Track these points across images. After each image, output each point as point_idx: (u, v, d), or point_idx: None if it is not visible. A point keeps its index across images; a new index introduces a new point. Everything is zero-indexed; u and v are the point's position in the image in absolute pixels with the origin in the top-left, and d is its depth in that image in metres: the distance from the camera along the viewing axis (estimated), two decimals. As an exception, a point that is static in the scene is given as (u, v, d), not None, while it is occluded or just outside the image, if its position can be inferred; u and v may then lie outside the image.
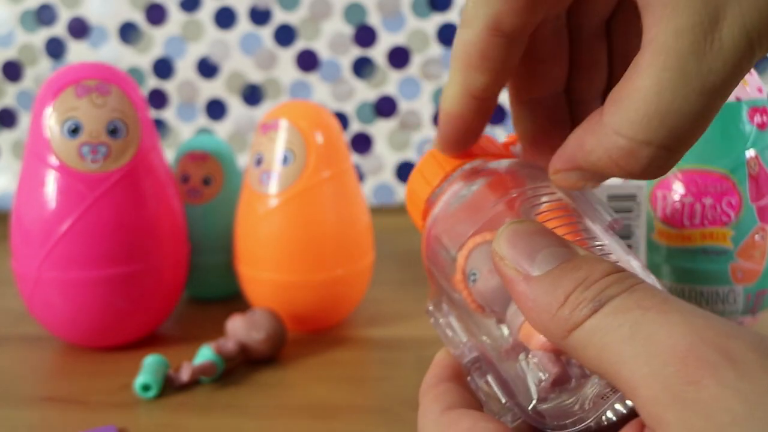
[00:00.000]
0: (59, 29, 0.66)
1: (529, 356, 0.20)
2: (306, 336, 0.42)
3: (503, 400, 0.20)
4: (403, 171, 0.69)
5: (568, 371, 0.19)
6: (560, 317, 0.17)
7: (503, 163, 0.22)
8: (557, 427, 0.19)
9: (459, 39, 0.20)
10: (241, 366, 0.38)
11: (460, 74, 0.20)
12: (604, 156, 0.18)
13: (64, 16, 0.66)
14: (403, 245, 0.60)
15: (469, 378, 0.22)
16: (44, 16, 0.66)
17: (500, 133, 0.68)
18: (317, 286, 0.40)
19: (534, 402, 0.19)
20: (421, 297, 0.48)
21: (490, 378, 0.21)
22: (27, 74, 0.67)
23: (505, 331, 0.21)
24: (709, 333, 0.15)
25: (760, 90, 0.35)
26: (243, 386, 0.36)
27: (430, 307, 0.23)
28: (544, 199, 0.21)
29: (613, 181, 0.36)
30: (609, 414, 0.19)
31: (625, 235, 0.36)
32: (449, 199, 0.23)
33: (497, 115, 0.68)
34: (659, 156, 0.17)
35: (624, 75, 0.18)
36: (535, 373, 0.19)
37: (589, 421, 0.19)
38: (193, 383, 0.36)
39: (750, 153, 0.35)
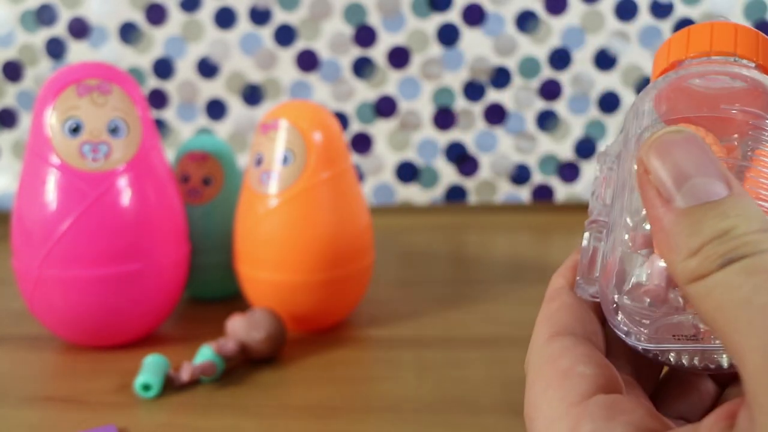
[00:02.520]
0: (59, 29, 0.66)
1: (651, 257, 0.19)
2: (306, 336, 0.42)
3: (596, 273, 0.20)
4: (403, 171, 0.69)
5: (667, 296, 0.18)
6: (687, 265, 0.16)
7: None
8: (623, 330, 0.19)
9: None
10: (241, 366, 0.38)
11: None
12: None
13: (64, 16, 0.66)
14: (403, 245, 0.60)
15: (585, 234, 0.21)
16: (44, 16, 0.66)
17: (501, 134, 0.68)
18: (317, 286, 0.40)
19: (617, 295, 0.19)
20: (422, 297, 0.48)
21: (601, 246, 0.20)
22: (27, 74, 0.67)
23: (647, 224, 0.19)
24: None
25: None
26: (243, 386, 0.36)
27: (603, 149, 0.22)
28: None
29: None
30: (683, 359, 0.18)
31: None
32: (705, 78, 0.20)
33: (497, 115, 0.68)
34: None
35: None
36: (640, 273, 0.19)
37: (652, 346, 0.18)
38: (193, 383, 0.36)
39: None
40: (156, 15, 0.66)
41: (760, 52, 0.21)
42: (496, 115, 0.68)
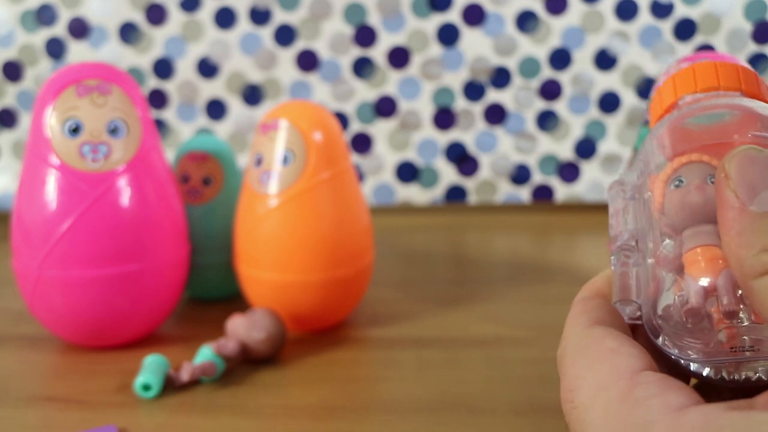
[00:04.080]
0: (59, 29, 0.66)
1: (683, 276, 0.20)
2: (306, 336, 0.42)
3: (632, 295, 0.21)
4: (403, 171, 0.69)
5: (704, 311, 0.19)
6: (760, 258, 0.17)
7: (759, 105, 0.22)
8: (672, 347, 0.20)
9: None
10: (241, 366, 0.38)
11: None
12: None
13: (64, 16, 0.66)
14: (403, 245, 0.60)
15: (612, 258, 0.22)
16: (44, 16, 0.66)
17: (501, 134, 0.68)
18: (317, 286, 0.40)
19: (655, 313, 0.20)
20: (422, 297, 0.48)
21: (632, 270, 0.21)
22: (27, 74, 0.67)
23: (669, 245, 0.21)
24: None
25: None
26: (243, 386, 0.36)
27: (618, 178, 0.23)
28: None
29: None
30: (742, 373, 0.19)
31: None
32: (700, 113, 0.22)
33: (497, 115, 0.68)
34: None
35: None
36: (679, 293, 0.20)
37: (707, 360, 0.19)
38: (193, 383, 0.36)
39: None
40: (156, 15, 0.66)
41: (742, 82, 0.23)
42: (496, 115, 0.68)
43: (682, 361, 0.20)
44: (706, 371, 0.20)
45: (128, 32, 0.67)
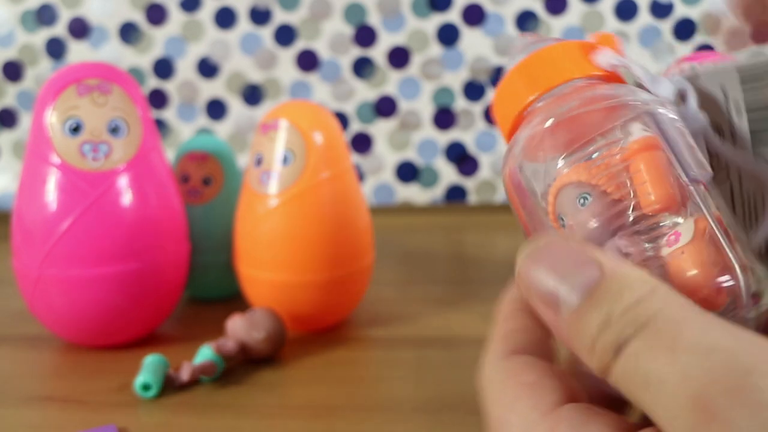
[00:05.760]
0: (59, 29, 0.66)
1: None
2: (306, 336, 0.42)
3: None
4: (403, 171, 0.69)
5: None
6: (592, 363, 0.16)
7: (605, 88, 0.20)
8: None
9: None
10: (241, 366, 0.38)
11: None
12: None
13: (64, 16, 0.66)
14: (403, 245, 0.60)
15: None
16: (44, 16, 0.66)
17: (499, 134, 0.68)
18: (317, 286, 0.40)
19: None
20: (421, 297, 0.48)
21: None
22: (27, 74, 0.67)
23: None
24: (722, 373, 0.14)
25: None
26: (243, 386, 0.36)
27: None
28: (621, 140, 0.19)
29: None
30: None
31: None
32: (537, 126, 0.20)
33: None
34: None
35: None
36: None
37: None
38: (193, 383, 0.36)
39: None
40: (156, 15, 0.66)
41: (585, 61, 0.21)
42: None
43: None
44: None
45: (128, 32, 0.67)
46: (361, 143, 0.69)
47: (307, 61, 0.67)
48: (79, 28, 0.66)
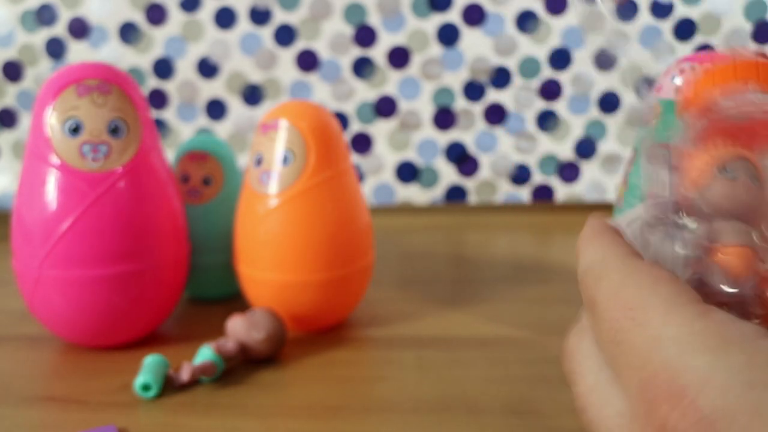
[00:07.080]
0: (59, 29, 0.66)
1: (706, 259, 0.19)
2: (306, 336, 0.42)
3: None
4: (403, 171, 0.69)
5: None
6: None
7: None
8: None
9: None
10: (241, 366, 0.38)
11: None
12: None
13: (64, 16, 0.66)
14: (403, 245, 0.60)
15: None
16: (44, 16, 0.66)
17: (501, 134, 0.68)
18: (317, 286, 0.40)
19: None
20: (421, 297, 0.48)
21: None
22: (27, 74, 0.67)
23: (696, 227, 0.20)
24: None
25: None
26: (243, 386, 0.36)
27: (652, 145, 0.22)
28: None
29: None
30: None
31: None
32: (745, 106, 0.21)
33: (497, 115, 0.68)
34: None
35: None
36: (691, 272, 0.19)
37: None
38: (193, 383, 0.36)
39: None
40: (156, 15, 0.66)
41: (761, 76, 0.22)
42: (496, 115, 0.68)
43: None
44: None
45: (128, 32, 0.67)
46: (361, 143, 0.69)
47: (307, 61, 0.67)
48: (79, 28, 0.66)
